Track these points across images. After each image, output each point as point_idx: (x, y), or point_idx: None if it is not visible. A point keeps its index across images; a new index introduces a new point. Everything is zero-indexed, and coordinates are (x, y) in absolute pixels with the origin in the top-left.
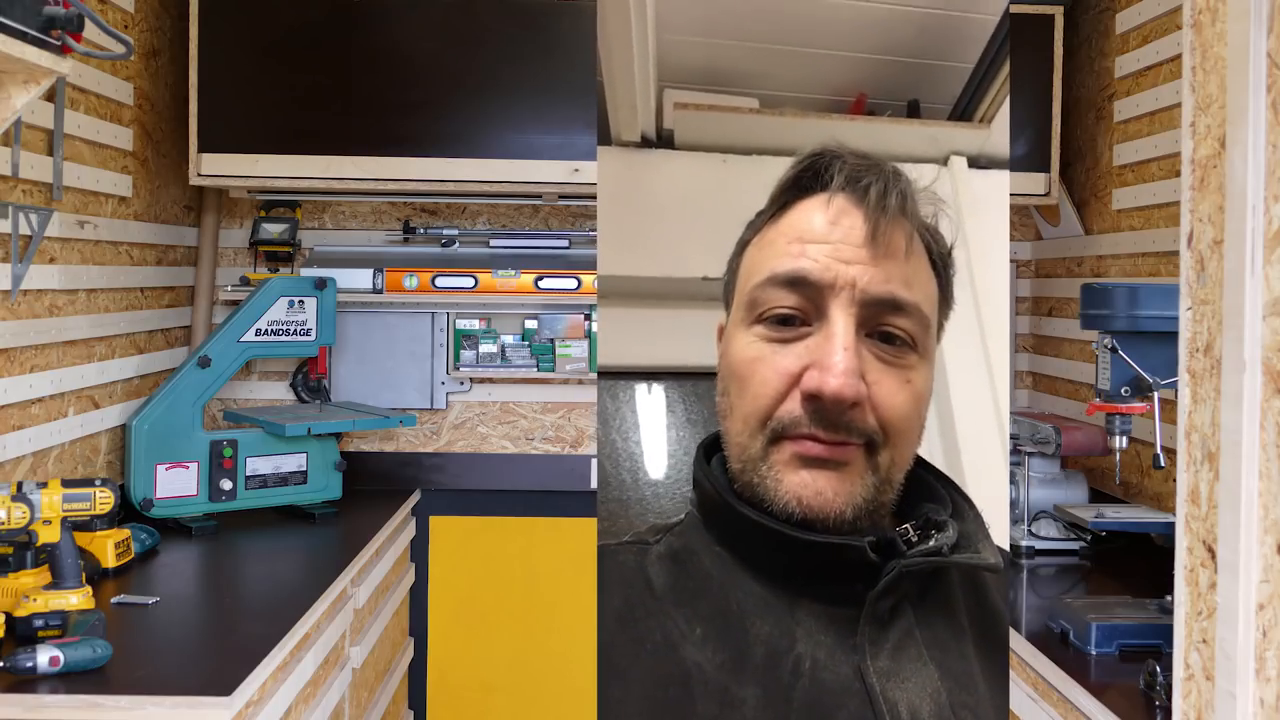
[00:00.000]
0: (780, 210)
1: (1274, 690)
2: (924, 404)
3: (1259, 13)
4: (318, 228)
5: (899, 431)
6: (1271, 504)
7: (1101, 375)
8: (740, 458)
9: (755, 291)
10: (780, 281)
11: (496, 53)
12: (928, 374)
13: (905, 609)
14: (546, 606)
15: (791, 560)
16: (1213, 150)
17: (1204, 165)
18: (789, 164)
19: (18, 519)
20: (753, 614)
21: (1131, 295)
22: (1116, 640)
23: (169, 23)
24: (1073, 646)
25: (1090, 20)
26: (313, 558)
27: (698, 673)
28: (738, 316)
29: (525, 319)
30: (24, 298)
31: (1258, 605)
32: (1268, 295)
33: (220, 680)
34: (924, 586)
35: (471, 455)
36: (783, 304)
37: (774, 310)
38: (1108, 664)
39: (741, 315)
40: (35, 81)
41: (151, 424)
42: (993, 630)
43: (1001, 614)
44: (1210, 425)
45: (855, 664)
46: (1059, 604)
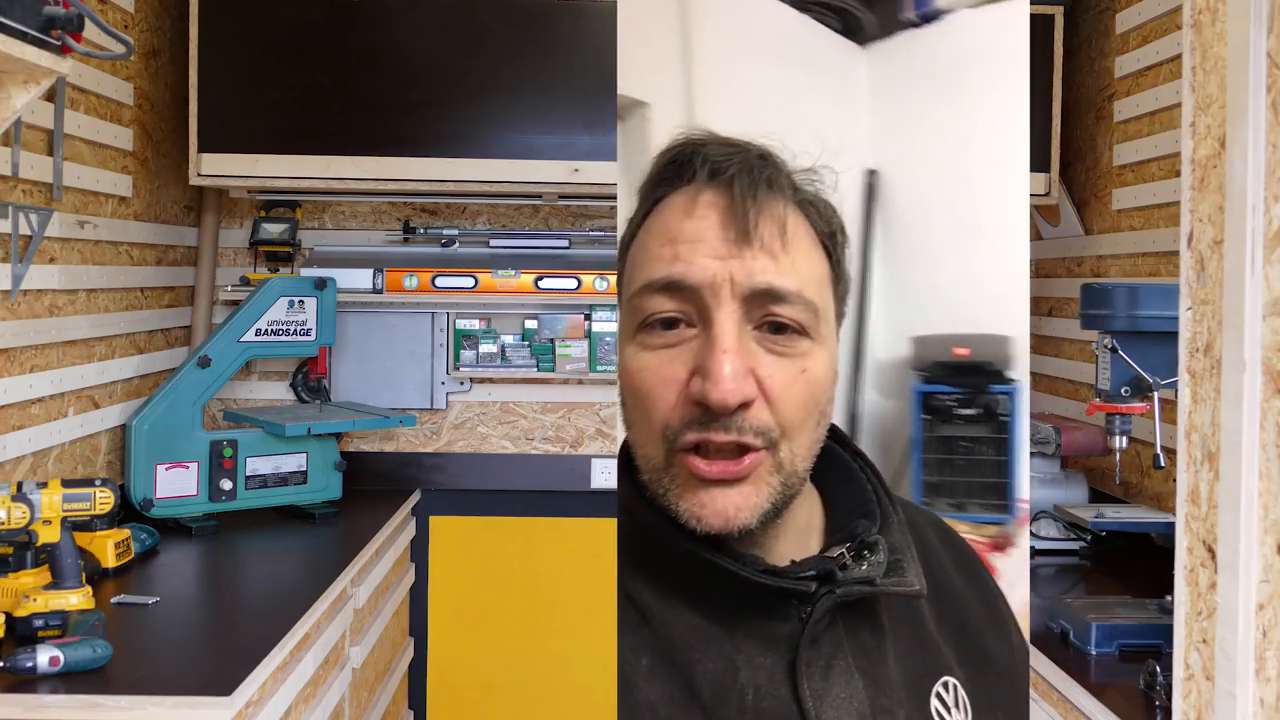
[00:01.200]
0: (650, 210)
1: (1274, 690)
2: (823, 390)
3: (1259, 13)
4: (318, 228)
5: (796, 424)
6: (1271, 504)
7: (1101, 375)
8: (647, 470)
9: (634, 300)
10: (656, 288)
11: (496, 53)
12: (824, 358)
13: (836, 623)
14: (546, 606)
15: (731, 597)
16: (1213, 150)
17: (1204, 165)
18: (652, 159)
19: (18, 519)
20: (696, 647)
21: (1131, 295)
22: (1116, 640)
23: (169, 23)
24: (1073, 646)
25: (1090, 20)
26: (313, 558)
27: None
28: (624, 325)
29: (525, 319)
30: (24, 298)
31: (1258, 605)
32: (1268, 295)
33: (220, 680)
34: (853, 602)
35: (471, 455)
36: (662, 310)
37: (654, 317)
38: (1108, 664)
39: (626, 324)
40: (35, 81)
41: (151, 424)
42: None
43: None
44: (1210, 425)
45: (793, 686)
46: (1059, 604)
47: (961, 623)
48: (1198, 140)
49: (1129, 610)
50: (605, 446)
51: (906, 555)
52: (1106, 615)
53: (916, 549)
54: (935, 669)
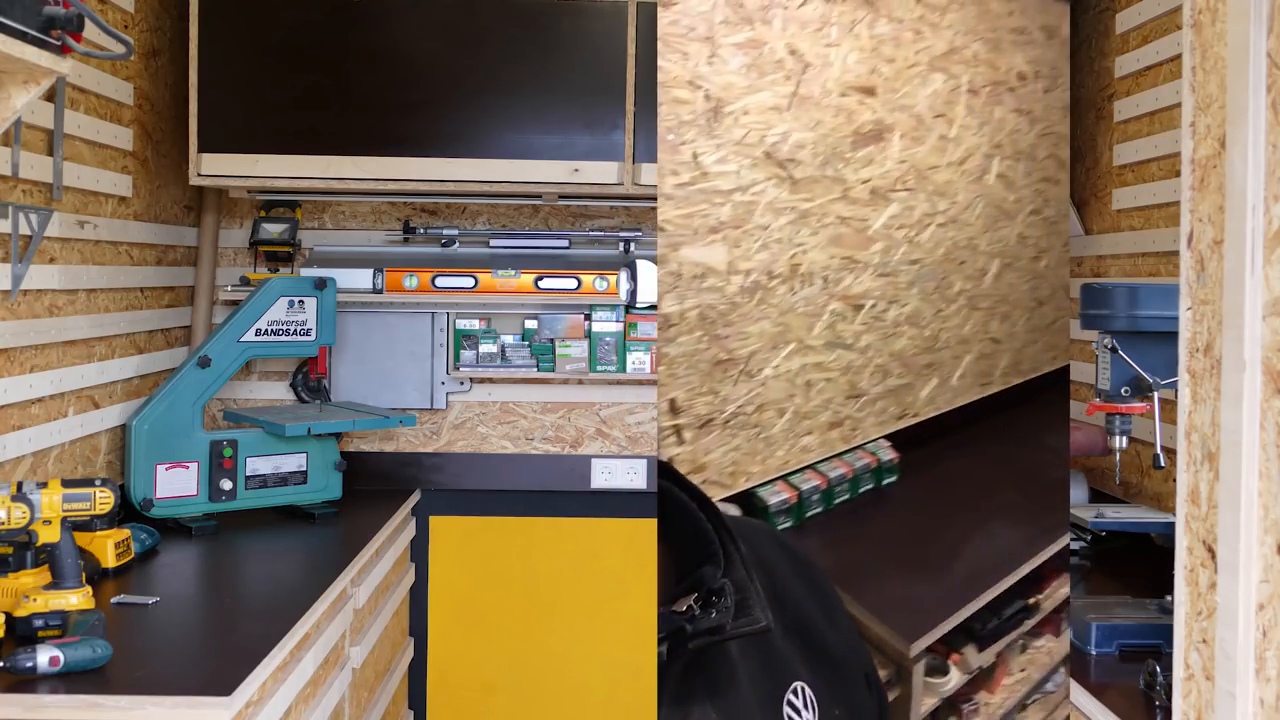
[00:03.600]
0: None
1: (1274, 690)
2: None
3: (1259, 13)
4: (318, 228)
5: None
6: (1271, 504)
7: (1101, 375)
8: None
9: None
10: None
11: (496, 53)
12: None
13: (690, 675)
14: (546, 606)
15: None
16: (1213, 150)
17: (1204, 165)
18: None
19: (18, 519)
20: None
21: (1131, 295)
22: (1116, 640)
23: (169, 23)
24: (1073, 646)
25: (1090, 20)
26: (313, 558)
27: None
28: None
29: (525, 319)
30: (24, 298)
31: (1258, 605)
32: (1268, 295)
33: (220, 680)
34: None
35: (471, 455)
36: None
37: None
38: (1108, 664)
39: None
40: (35, 81)
41: (151, 424)
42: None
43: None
44: (1210, 425)
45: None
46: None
47: (803, 626)
48: (1198, 140)
49: (1129, 610)
50: (605, 446)
51: (751, 591)
52: (1106, 615)
53: (757, 571)
54: (785, 678)
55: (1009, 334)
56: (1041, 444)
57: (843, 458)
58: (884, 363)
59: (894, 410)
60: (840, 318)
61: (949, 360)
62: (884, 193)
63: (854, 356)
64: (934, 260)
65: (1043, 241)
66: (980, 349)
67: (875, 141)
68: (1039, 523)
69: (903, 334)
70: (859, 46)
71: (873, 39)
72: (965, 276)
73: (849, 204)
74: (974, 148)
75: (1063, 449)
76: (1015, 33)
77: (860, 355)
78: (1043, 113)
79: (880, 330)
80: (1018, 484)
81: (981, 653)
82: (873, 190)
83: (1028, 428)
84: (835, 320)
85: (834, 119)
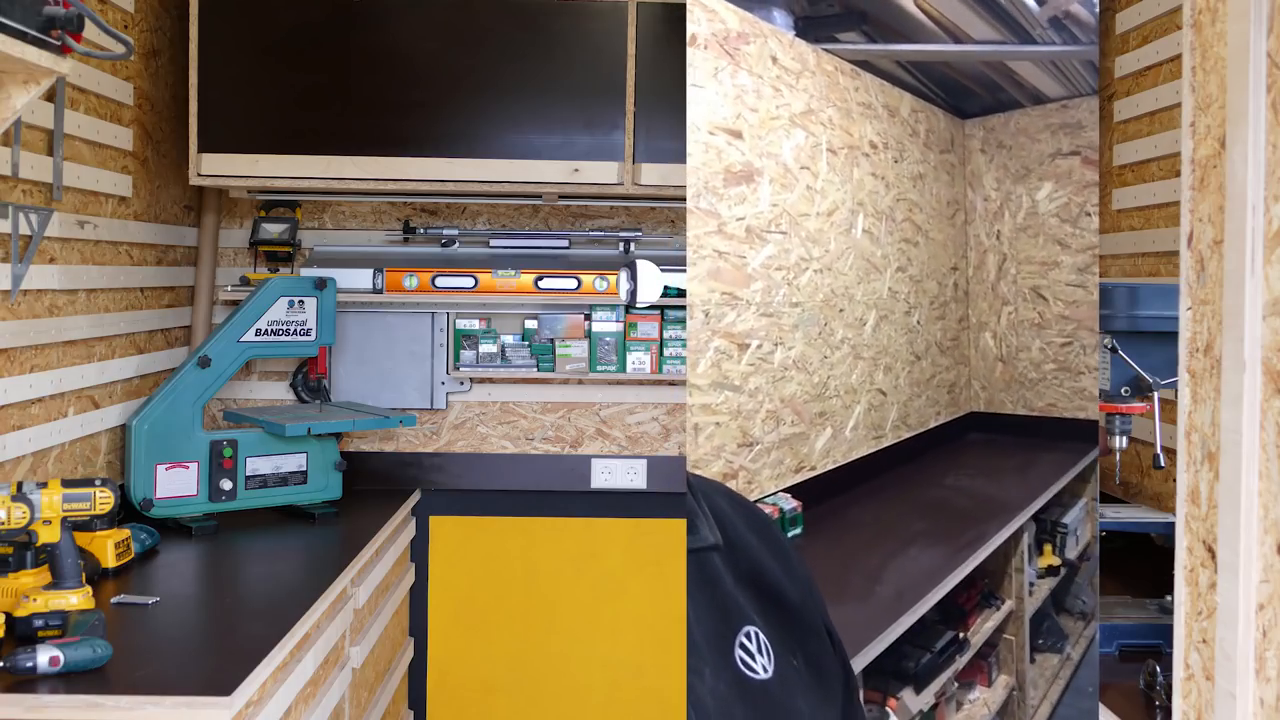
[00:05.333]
0: None
1: (1274, 690)
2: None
3: (1259, 13)
4: (318, 228)
5: None
6: (1271, 504)
7: (1101, 375)
8: None
9: None
10: None
11: (496, 53)
12: None
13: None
14: (546, 606)
15: None
16: (1213, 150)
17: (1204, 165)
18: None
19: (18, 519)
20: None
21: (1131, 295)
22: (1116, 640)
23: (169, 23)
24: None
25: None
26: (313, 558)
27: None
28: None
29: (525, 319)
30: (24, 298)
31: (1258, 605)
32: (1268, 295)
33: (220, 680)
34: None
35: (471, 455)
36: None
37: None
38: (1108, 664)
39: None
40: (35, 81)
41: (151, 424)
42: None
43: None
44: (1210, 425)
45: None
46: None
47: (756, 574)
48: (1198, 140)
49: (1129, 610)
50: (605, 446)
51: (699, 516)
52: (1106, 615)
53: (711, 513)
54: (737, 621)
55: (893, 386)
56: (941, 484)
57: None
58: (775, 408)
59: (790, 462)
60: (725, 356)
61: (840, 410)
62: (759, 232)
63: (743, 400)
64: (814, 305)
65: (911, 298)
66: (869, 399)
67: (746, 182)
68: (954, 542)
69: (791, 378)
70: (723, 93)
71: (736, 87)
72: (846, 324)
73: (725, 239)
74: (839, 201)
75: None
76: (863, 106)
77: (750, 399)
78: (895, 180)
79: (768, 373)
80: (927, 516)
81: (920, 695)
82: (748, 229)
83: (925, 475)
84: (720, 359)
85: (705, 154)
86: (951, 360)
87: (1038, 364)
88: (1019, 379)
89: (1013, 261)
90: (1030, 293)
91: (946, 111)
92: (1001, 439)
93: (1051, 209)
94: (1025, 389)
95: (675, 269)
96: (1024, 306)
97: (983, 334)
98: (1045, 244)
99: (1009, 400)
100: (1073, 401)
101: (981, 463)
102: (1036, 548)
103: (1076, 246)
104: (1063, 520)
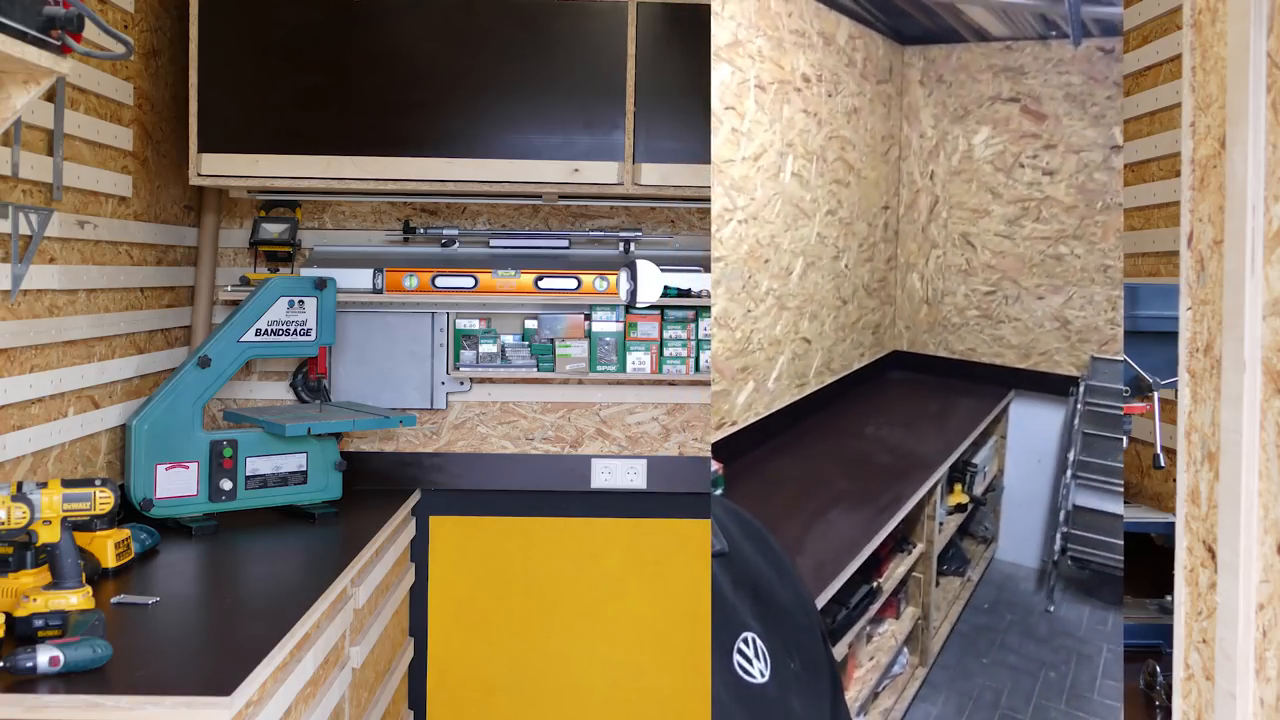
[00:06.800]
0: None
1: (1274, 690)
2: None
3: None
4: (318, 228)
5: None
6: (1271, 504)
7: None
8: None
9: None
10: None
11: (496, 53)
12: None
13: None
14: (546, 606)
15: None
16: (1213, 150)
17: (1204, 165)
18: None
19: (18, 519)
20: None
21: (1131, 295)
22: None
23: (169, 23)
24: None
25: None
26: (313, 558)
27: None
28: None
29: (525, 319)
30: (24, 298)
31: (1258, 605)
32: (1268, 295)
33: (220, 680)
34: None
35: (471, 455)
36: None
37: None
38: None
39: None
40: (35, 81)
41: (151, 424)
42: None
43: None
44: (1210, 425)
45: None
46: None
47: (753, 582)
48: (1198, 140)
49: (1129, 610)
50: (605, 446)
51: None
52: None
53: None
54: (735, 627)
55: (818, 333)
56: (862, 434)
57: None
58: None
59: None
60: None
61: (763, 362)
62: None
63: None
64: (738, 258)
65: (840, 242)
66: (793, 349)
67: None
68: (874, 503)
69: (712, 335)
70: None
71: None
72: (771, 275)
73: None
74: (768, 144)
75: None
76: (795, 34)
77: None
78: (828, 116)
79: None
80: (848, 473)
81: (835, 647)
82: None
83: (847, 422)
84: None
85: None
86: (878, 301)
87: (961, 309)
88: (942, 322)
89: (944, 205)
90: (959, 238)
91: (885, 36)
92: (922, 379)
93: (987, 155)
94: (948, 333)
95: (675, 269)
96: (952, 251)
97: (910, 275)
98: (978, 191)
99: (931, 342)
100: (991, 348)
101: (902, 408)
102: (947, 487)
103: (1008, 197)
104: (973, 460)
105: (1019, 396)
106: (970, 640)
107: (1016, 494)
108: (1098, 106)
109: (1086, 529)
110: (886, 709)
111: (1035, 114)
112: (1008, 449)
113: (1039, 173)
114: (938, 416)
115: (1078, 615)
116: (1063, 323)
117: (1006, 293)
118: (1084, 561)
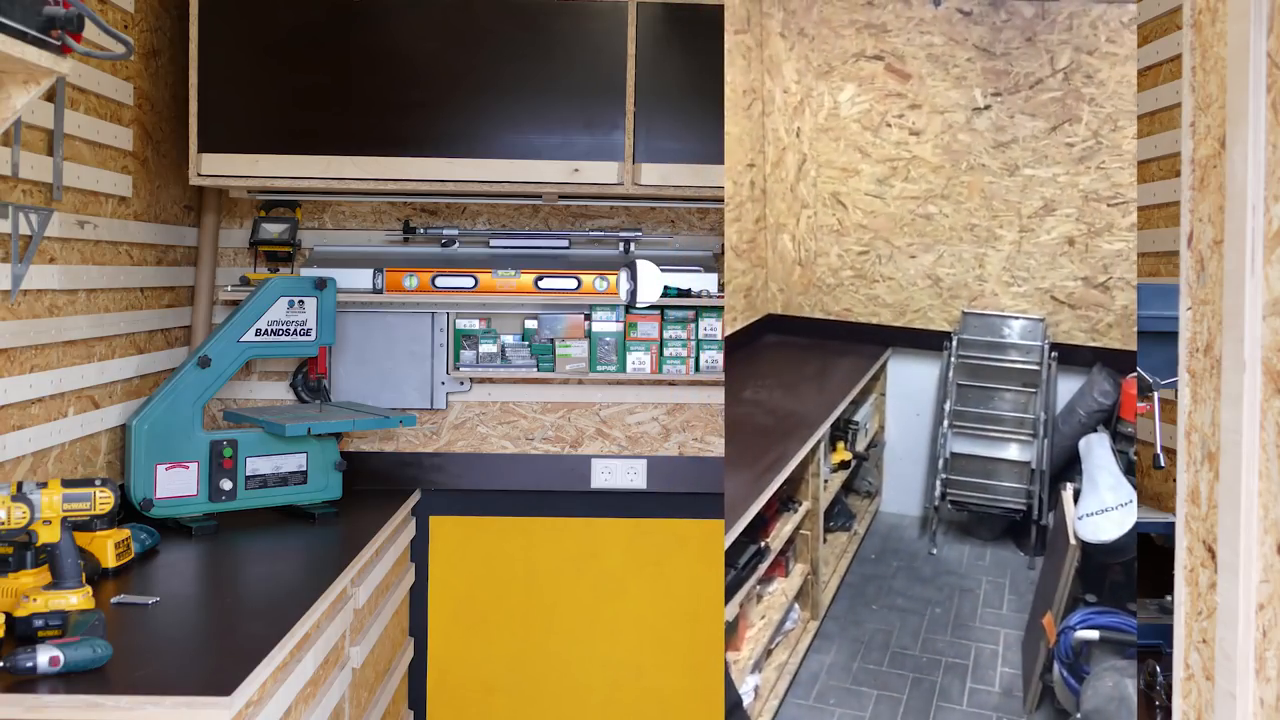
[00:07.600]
0: None
1: (1274, 690)
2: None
3: (1259, 13)
4: (318, 228)
5: None
6: (1271, 504)
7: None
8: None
9: None
10: None
11: (496, 53)
12: None
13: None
14: (546, 606)
15: None
16: (1213, 150)
17: (1204, 165)
18: None
19: (18, 519)
20: None
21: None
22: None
23: (169, 23)
24: None
25: None
26: (313, 558)
27: None
28: None
29: (525, 319)
30: (24, 298)
31: (1258, 605)
32: (1268, 295)
33: (220, 680)
34: None
35: (471, 455)
36: None
37: None
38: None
39: None
40: (35, 81)
41: (151, 424)
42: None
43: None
44: (1210, 425)
45: None
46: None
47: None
48: (1198, 140)
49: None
50: (605, 446)
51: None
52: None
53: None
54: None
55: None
56: (740, 398)
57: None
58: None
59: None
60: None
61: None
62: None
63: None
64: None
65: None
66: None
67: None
68: (757, 465)
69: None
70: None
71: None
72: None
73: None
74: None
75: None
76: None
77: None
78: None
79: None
80: (730, 437)
81: (725, 608)
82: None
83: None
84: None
85: None
86: (748, 264)
87: (835, 270)
88: (817, 283)
89: (813, 163)
90: (830, 198)
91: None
92: (799, 341)
93: (854, 113)
94: (823, 294)
95: (675, 269)
96: (824, 211)
97: (781, 235)
98: (846, 149)
99: (807, 304)
100: (867, 308)
101: (780, 372)
102: (830, 446)
103: (877, 156)
104: (854, 418)
105: (896, 354)
106: (859, 590)
107: (897, 447)
108: (959, 68)
109: (963, 474)
110: (781, 663)
111: (900, 73)
112: (887, 405)
113: (906, 132)
114: (816, 377)
115: (958, 554)
116: (934, 280)
117: (880, 252)
118: (962, 504)
